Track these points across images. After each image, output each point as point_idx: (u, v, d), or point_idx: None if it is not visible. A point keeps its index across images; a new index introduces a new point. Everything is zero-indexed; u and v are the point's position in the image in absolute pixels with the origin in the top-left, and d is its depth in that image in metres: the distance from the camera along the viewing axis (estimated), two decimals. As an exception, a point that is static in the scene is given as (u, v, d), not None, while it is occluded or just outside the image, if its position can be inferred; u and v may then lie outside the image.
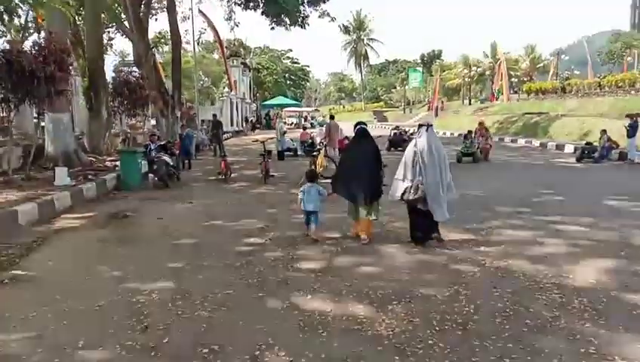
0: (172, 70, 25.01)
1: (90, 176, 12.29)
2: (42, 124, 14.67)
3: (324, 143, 15.23)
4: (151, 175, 12.82)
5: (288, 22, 25.64)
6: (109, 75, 19.28)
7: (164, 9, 25.93)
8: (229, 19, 28.65)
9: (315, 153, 12.54)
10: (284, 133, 20.36)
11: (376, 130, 45.64)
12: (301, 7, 24.64)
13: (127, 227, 8.20)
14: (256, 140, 15.22)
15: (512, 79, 68.05)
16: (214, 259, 6.12)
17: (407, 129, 24.63)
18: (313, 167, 12.00)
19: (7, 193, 9.76)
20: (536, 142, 23.87)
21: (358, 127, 7.11)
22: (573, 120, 25.11)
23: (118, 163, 13.74)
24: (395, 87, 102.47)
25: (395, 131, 22.88)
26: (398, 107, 75.31)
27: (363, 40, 77.24)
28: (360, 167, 6.68)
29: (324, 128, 19.10)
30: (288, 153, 20.06)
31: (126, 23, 22.21)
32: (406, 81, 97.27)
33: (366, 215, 6.64)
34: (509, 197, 10.09)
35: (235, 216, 8.74)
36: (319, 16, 26.34)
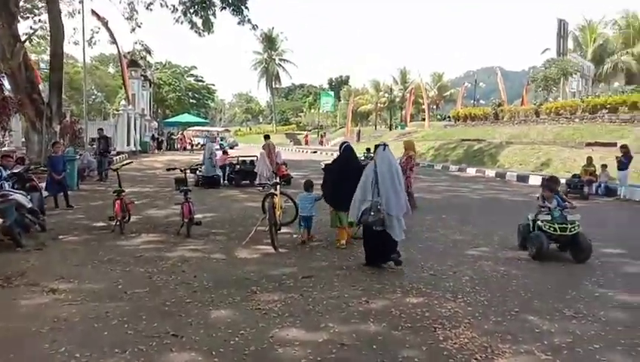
0: (50, 70, 19.17)
1: None
2: None
3: (273, 172, 10.87)
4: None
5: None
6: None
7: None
8: (130, 18, 23.60)
9: (272, 191, 8.13)
10: (210, 156, 15.56)
11: (295, 154, 41.91)
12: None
13: None
14: (174, 168, 10.41)
15: (422, 106, 68.72)
16: None
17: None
18: (271, 212, 7.56)
19: None
20: (490, 172, 21.30)
21: (345, 144, 8.02)
22: (524, 148, 23.06)
23: None
24: (302, 111, 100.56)
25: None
26: (310, 130, 72.34)
27: (274, 60, 73.59)
28: (352, 179, 6.75)
29: (263, 151, 14.71)
30: (210, 181, 15.36)
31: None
32: (313, 106, 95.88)
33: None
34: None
35: (141, 336, 4.10)
36: (239, 23, 22.53)
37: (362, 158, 17.28)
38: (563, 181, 15.29)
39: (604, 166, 15.30)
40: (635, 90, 25.34)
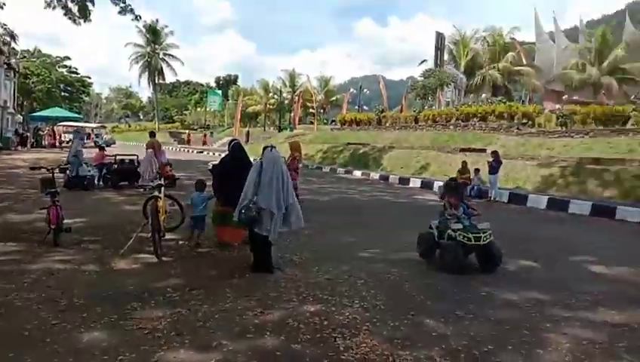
0: None
1: None
2: None
3: (157, 173, 10.02)
4: None
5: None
6: None
7: None
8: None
9: (155, 194, 7.39)
10: (76, 154, 14.04)
11: (180, 153, 40.05)
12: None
13: None
14: (40, 167, 9.10)
15: (310, 110, 69.87)
16: None
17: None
18: (153, 216, 6.87)
19: None
20: (375, 175, 22.09)
21: (235, 141, 8.01)
22: (405, 153, 24.27)
23: None
24: (187, 109, 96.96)
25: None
26: (196, 130, 69.87)
27: (158, 54, 69.79)
28: (241, 177, 6.51)
29: (150, 150, 13.60)
30: (82, 182, 13.90)
31: None
32: (200, 104, 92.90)
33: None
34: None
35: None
36: (120, 12, 21.01)
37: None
38: (441, 184, 16.36)
39: (477, 170, 16.56)
40: (501, 101, 27.95)
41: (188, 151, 44.06)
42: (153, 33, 68.30)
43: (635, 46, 38.33)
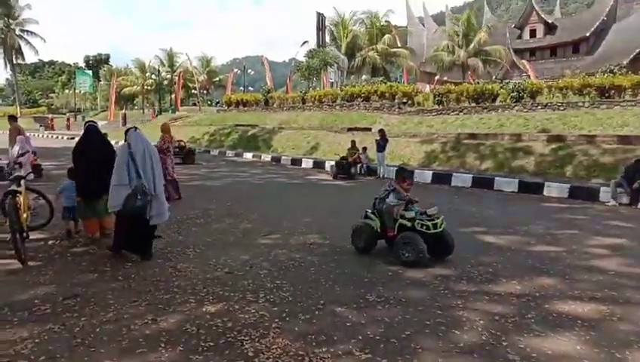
0: None
1: None
2: None
3: (15, 163, 8.53)
4: None
5: None
6: None
7: None
8: None
9: (14, 188, 6.17)
10: None
11: (48, 140, 35.95)
12: None
13: None
14: None
15: (192, 90, 67.03)
16: None
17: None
18: (13, 215, 5.76)
19: None
20: (266, 157, 21.60)
21: (89, 124, 7.12)
22: (295, 133, 24.06)
23: None
24: (54, 91, 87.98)
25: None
26: (64, 114, 63.49)
27: (14, 30, 61.60)
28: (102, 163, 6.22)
29: (21, 137, 11.61)
30: None
31: None
32: (68, 86, 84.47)
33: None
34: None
35: None
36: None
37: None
38: (332, 163, 16.44)
39: (364, 148, 16.84)
40: (382, 81, 28.84)
41: (58, 137, 39.73)
42: (3, 5, 60.07)
43: (494, 30, 41.99)
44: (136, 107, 68.03)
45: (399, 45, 45.39)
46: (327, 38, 41.20)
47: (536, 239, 7.23)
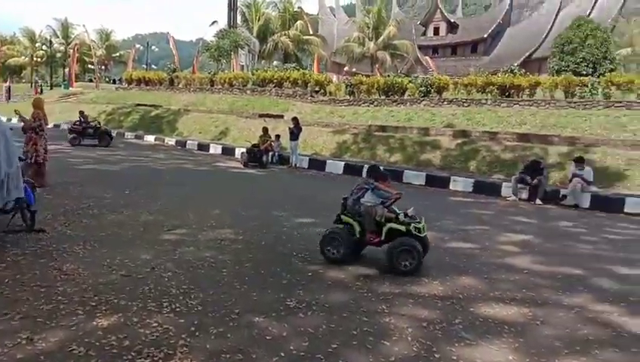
0: None
1: None
2: None
3: None
4: None
5: None
6: None
7: None
8: None
9: None
10: None
11: None
12: None
13: None
14: None
15: (89, 65, 62.09)
16: None
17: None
18: None
19: None
20: (170, 141, 20.28)
21: None
22: (202, 117, 22.87)
23: None
24: None
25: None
26: None
27: None
28: None
29: None
30: None
31: None
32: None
33: None
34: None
35: None
36: None
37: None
38: (243, 150, 15.75)
39: (277, 136, 16.36)
40: (295, 68, 28.35)
41: None
42: None
43: (402, 25, 43.26)
44: (23, 80, 61.40)
45: (311, 33, 45.18)
46: (239, 20, 39.88)
47: (450, 235, 7.24)
